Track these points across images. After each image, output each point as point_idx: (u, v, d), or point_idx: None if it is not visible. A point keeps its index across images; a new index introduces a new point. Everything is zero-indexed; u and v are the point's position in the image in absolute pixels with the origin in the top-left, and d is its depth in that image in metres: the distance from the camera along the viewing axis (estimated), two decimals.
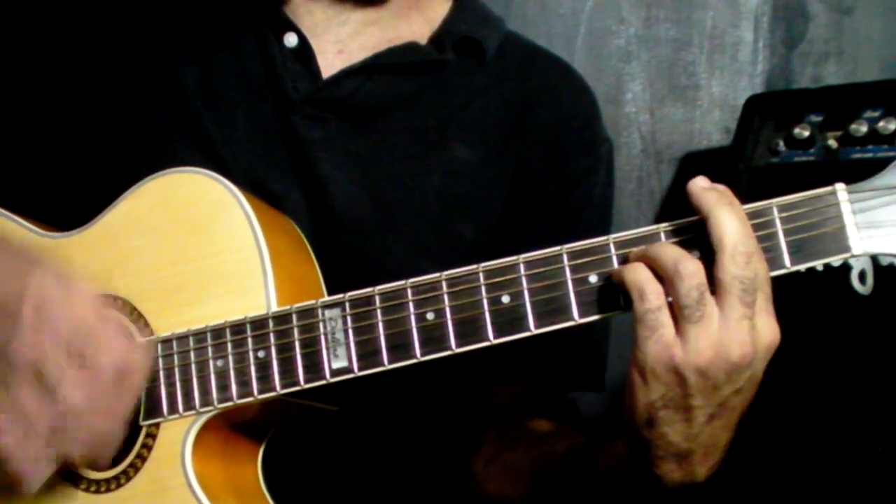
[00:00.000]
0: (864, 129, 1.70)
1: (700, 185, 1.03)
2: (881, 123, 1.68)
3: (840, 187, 1.00)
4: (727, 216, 1.00)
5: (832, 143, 1.74)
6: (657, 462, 1.09)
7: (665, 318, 1.01)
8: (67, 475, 1.25)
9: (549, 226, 1.41)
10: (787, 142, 1.80)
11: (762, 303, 1.01)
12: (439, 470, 1.44)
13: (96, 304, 1.11)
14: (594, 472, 1.20)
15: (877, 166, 1.01)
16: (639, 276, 1.02)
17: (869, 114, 1.71)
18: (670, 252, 1.01)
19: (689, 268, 0.99)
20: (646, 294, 1.01)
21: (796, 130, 1.77)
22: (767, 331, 1.02)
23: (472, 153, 1.40)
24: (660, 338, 1.01)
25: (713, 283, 1.00)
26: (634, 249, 1.05)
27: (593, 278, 1.06)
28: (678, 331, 1.01)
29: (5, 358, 1.05)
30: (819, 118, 1.77)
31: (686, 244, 1.04)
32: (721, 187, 1.04)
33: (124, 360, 1.09)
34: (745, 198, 1.04)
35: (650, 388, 1.03)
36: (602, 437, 1.20)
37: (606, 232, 1.46)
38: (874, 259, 1.62)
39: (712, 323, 1.00)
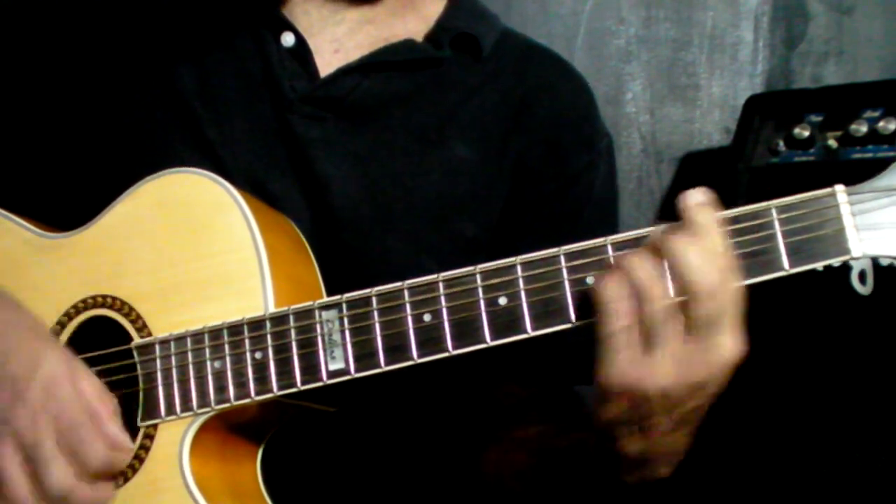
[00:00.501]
0: (864, 129, 1.70)
1: (692, 202, 1.01)
2: (881, 123, 1.68)
3: (839, 189, 1.00)
4: (693, 255, 0.99)
5: (832, 143, 1.74)
6: (618, 467, 1.12)
7: (632, 338, 1.02)
8: None
9: (551, 223, 1.41)
10: (787, 142, 1.80)
11: (729, 323, 1.01)
12: (438, 470, 1.43)
13: (98, 393, 1.15)
14: (588, 468, 1.22)
15: (877, 166, 1.01)
16: (612, 290, 1.02)
17: (869, 114, 1.71)
18: (646, 270, 1.01)
19: (657, 291, 1.00)
20: (616, 311, 1.01)
21: (796, 130, 1.77)
22: (731, 349, 1.02)
23: (471, 151, 1.40)
24: (624, 358, 1.01)
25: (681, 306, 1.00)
26: (617, 255, 1.05)
27: (590, 280, 1.05)
28: (643, 351, 1.01)
29: (5, 425, 1.12)
30: (819, 118, 1.77)
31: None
32: (703, 200, 1.02)
33: (111, 462, 1.14)
34: (745, 198, 1.04)
35: (611, 405, 1.05)
36: (583, 438, 1.22)
37: (612, 228, 1.48)
38: (874, 260, 1.62)
39: (677, 346, 1.00)
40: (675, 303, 0.99)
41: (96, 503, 1.15)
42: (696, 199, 1.01)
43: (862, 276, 1.64)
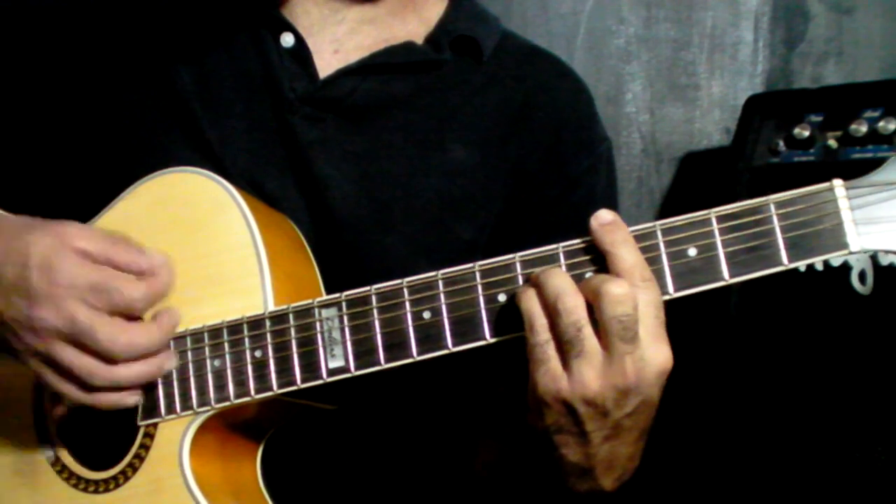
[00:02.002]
0: (864, 129, 1.70)
1: (598, 223, 1.05)
2: (881, 123, 1.68)
3: (838, 183, 1.00)
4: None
5: (832, 143, 1.74)
6: (563, 476, 1.13)
7: (551, 350, 1.04)
8: (67, 476, 1.26)
9: (552, 227, 1.40)
10: (787, 142, 1.79)
11: (648, 332, 1.02)
12: (438, 469, 1.43)
13: (100, 241, 1.16)
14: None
15: (877, 166, 1.01)
16: (529, 307, 1.04)
17: (869, 114, 1.71)
18: (555, 284, 1.03)
19: (568, 304, 1.01)
20: (534, 326, 1.04)
21: (796, 130, 1.77)
22: (657, 358, 1.03)
23: (470, 153, 1.40)
24: (547, 370, 1.04)
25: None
26: (536, 270, 1.06)
27: (589, 276, 1.05)
28: (564, 363, 1.03)
29: (40, 330, 1.12)
30: (819, 118, 1.77)
31: (581, 266, 1.06)
32: (615, 222, 1.05)
33: (150, 289, 1.16)
34: (745, 198, 1.03)
35: (543, 416, 1.07)
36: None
37: None
38: (874, 259, 1.62)
39: (595, 357, 1.02)
40: (586, 316, 1.02)
41: (164, 333, 1.17)
42: (604, 220, 1.05)
43: (862, 276, 1.63)
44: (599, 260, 1.05)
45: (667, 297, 1.04)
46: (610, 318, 1.00)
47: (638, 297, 1.01)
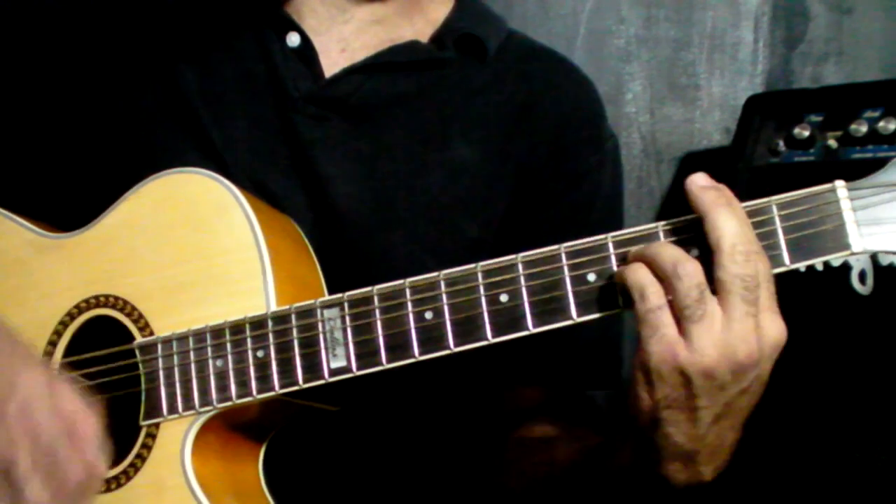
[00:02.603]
0: (864, 129, 1.70)
1: (698, 184, 1.02)
2: (881, 123, 1.68)
3: (840, 184, 1.00)
4: (725, 215, 0.99)
5: (832, 143, 1.74)
6: (662, 462, 1.08)
7: (666, 317, 1.00)
8: None
9: (559, 224, 1.41)
10: (787, 142, 1.79)
11: (765, 300, 1.00)
12: (441, 470, 1.43)
13: (78, 413, 1.09)
14: (605, 473, 1.21)
15: (877, 166, 1.01)
16: (639, 277, 1.01)
17: (869, 114, 1.71)
18: (669, 253, 1.01)
19: (688, 268, 0.99)
20: (646, 294, 1.01)
21: (796, 130, 1.77)
22: (773, 329, 1.01)
23: (474, 151, 1.40)
24: (662, 337, 1.01)
25: (714, 283, 0.99)
26: (633, 249, 1.05)
27: (592, 277, 1.06)
28: (681, 331, 1.00)
29: None
30: (819, 118, 1.77)
31: (685, 243, 1.04)
32: (720, 186, 1.03)
33: (90, 477, 1.08)
34: (745, 198, 1.03)
35: (654, 389, 1.03)
36: (614, 440, 1.20)
37: (619, 228, 1.48)
38: (874, 259, 1.62)
39: (715, 322, 0.99)
40: (703, 281, 0.99)
41: None
42: (703, 182, 1.03)
43: (862, 276, 1.63)
44: (601, 261, 1.05)
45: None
46: (733, 277, 0.97)
47: (759, 256, 0.99)
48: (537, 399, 1.42)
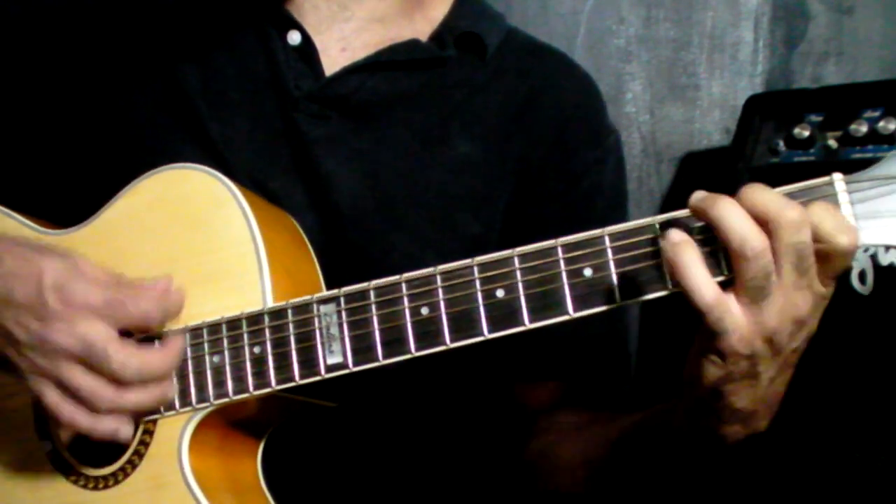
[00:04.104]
0: (864, 129, 1.69)
1: (702, 194, 1.00)
2: (881, 123, 1.68)
3: (838, 177, 0.99)
4: (762, 192, 0.97)
5: (832, 143, 1.73)
6: (722, 426, 1.09)
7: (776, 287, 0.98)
8: (66, 472, 1.26)
9: (562, 220, 1.40)
10: (787, 142, 1.79)
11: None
12: (439, 466, 1.43)
13: (106, 270, 1.16)
14: (653, 446, 1.20)
15: None
16: (743, 233, 0.96)
17: (869, 114, 1.70)
18: (776, 201, 0.97)
19: (757, 248, 0.96)
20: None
21: (796, 130, 1.77)
22: (821, 288, 1.00)
23: (474, 148, 1.40)
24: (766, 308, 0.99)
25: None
26: (704, 197, 1.00)
27: (588, 272, 1.05)
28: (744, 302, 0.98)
29: (50, 351, 1.11)
30: (819, 118, 1.77)
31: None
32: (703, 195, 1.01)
33: (157, 310, 1.15)
34: None
35: (717, 367, 1.02)
36: (657, 413, 1.19)
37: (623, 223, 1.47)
38: (874, 259, 1.62)
39: (776, 293, 0.98)
40: (771, 259, 0.96)
41: (174, 358, 1.16)
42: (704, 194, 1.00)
43: (862, 276, 1.63)
44: (597, 255, 1.05)
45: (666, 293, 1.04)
46: (787, 246, 0.96)
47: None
48: (557, 392, 1.43)
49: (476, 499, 1.47)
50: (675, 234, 0.99)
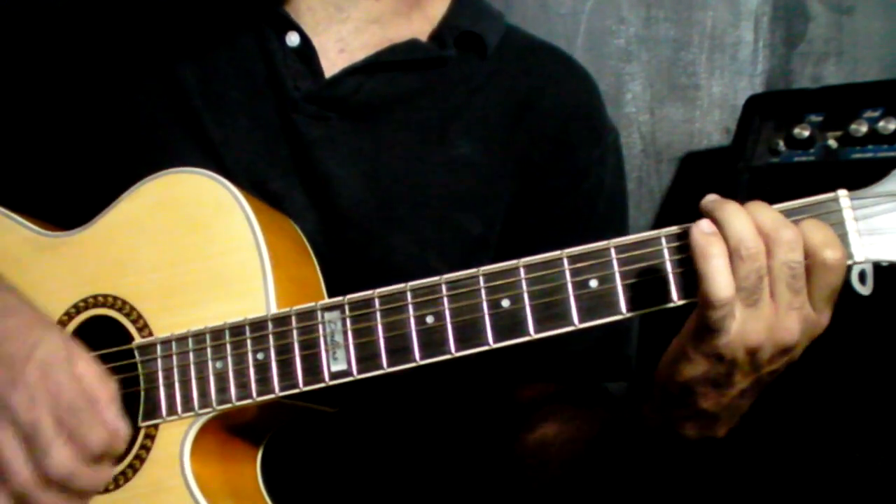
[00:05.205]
0: (864, 129, 1.69)
1: (713, 197, 1.02)
2: (881, 123, 1.68)
3: (842, 194, 1.00)
4: (762, 209, 0.99)
5: (832, 143, 1.74)
6: (681, 423, 1.09)
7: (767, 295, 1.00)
8: None
9: (563, 219, 1.41)
10: (787, 142, 1.79)
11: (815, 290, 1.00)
12: (439, 472, 1.43)
13: (96, 377, 1.12)
14: (622, 439, 1.21)
15: (877, 166, 1.01)
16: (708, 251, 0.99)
17: (869, 114, 1.71)
18: (736, 227, 0.99)
19: (752, 249, 0.98)
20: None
21: (796, 130, 1.77)
22: (820, 320, 1.03)
23: (475, 148, 1.40)
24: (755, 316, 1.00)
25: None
26: (710, 203, 1.02)
27: (594, 283, 1.05)
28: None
29: (2, 408, 1.09)
30: (819, 118, 1.77)
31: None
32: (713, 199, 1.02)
33: (110, 446, 1.10)
34: (745, 198, 1.03)
35: (695, 365, 1.03)
36: (627, 407, 1.20)
37: (623, 222, 1.47)
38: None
39: (766, 308, 0.99)
40: (765, 264, 0.98)
41: (97, 485, 1.12)
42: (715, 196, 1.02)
43: (862, 277, 1.63)
44: (603, 266, 1.05)
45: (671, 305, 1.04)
46: (782, 264, 0.97)
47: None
48: (549, 389, 1.43)
49: (475, 503, 1.47)
50: (707, 225, 1.00)
